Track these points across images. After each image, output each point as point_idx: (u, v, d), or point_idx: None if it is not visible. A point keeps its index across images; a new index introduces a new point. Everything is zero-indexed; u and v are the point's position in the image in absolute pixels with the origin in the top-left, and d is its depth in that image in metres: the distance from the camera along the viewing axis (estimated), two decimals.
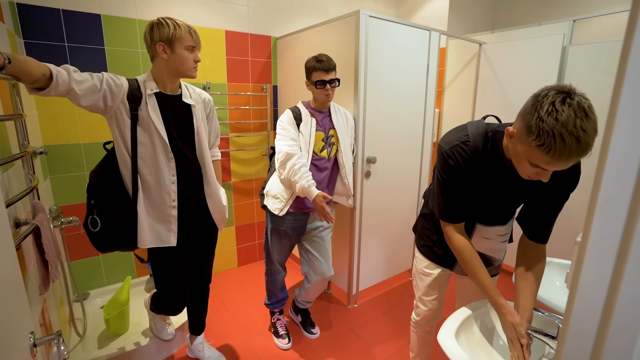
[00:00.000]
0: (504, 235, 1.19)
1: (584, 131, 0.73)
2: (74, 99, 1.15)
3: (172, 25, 1.26)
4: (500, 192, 1.06)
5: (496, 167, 1.00)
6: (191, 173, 1.44)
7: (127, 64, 2.04)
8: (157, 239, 1.39)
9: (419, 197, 2.48)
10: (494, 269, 1.26)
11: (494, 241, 1.18)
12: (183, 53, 1.28)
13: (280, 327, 1.95)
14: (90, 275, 2.16)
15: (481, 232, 1.15)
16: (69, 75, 1.11)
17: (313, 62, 1.64)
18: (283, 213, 1.68)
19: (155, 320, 1.79)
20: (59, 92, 1.10)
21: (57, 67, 1.09)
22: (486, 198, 1.07)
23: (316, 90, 1.67)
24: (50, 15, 1.79)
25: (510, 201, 1.10)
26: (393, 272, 2.51)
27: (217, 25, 2.32)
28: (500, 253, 1.23)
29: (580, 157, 0.77)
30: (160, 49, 1.27)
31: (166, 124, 1.34)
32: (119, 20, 1.98)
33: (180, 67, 1.30)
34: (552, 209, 1.03)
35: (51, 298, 1.50)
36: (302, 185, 1.58)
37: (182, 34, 1.26)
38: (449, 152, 1.03)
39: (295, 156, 1.62)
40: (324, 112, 1.77)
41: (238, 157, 2.59)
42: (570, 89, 0.76)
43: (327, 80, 1.64)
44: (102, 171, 1.36)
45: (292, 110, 1.72)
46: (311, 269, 1.81)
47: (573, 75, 2.19)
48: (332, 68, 1.64)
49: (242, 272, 2.71)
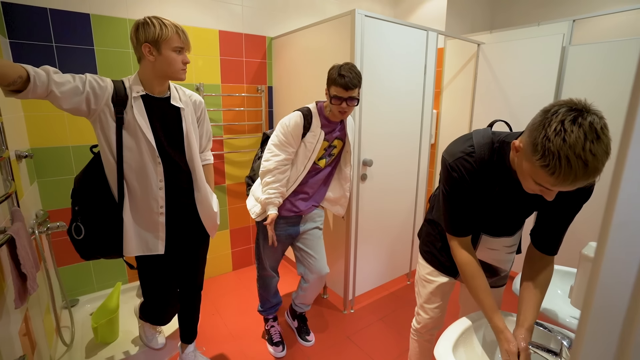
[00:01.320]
0: (511, 246, 1.14)
1: (594, 155, 0.67)
2: (54, 102, 1.10)
3: (159, 25, 1.19)
4: (508, 204, 1.01)
5: (503, 178, 0.95)
6: (180, 178, 1.39)
7: (117, 65, 1.99)
8: (144, 246, 1.35)
9: (416, 199, 2.44)
10: (500, 279, 1.22)
11: (500, 252, 1.13)
12: (170, 55, 1.22)
13: (274, 334, 1.90)
14: (80, 281, 2.11)
15: (487, 243, 1.11)
16: (48, 77, 1.06)
17: (335, 74, 1.47)
18: (260, 219, 1.63)
19: (145, 328, 1.75)
20: (37, 95, 1.05)
21: (36, 69, 1.04)
22: (493, 209, 1.03)
23: (331, 104, 1.54)
24: (37, 14, 1.74)
25: (518, 213, 1.05)
26: (390, 276, 2.47)
27: (211, 25, 2.27)
28: (507, 264, 1.19)
29: (588, 182, 0.71)
30: (146, 51, 1.21)
31: (153, 127, 1.28)
32: (109, 20, 1.93)
33: (167, 70, 1.24)
34: (562, 221, 0.98)
35: (35, 306, 1.45)
36: (264, 198, 1.57)
37: (169, 34, 1.20)
38: (453, 165, 0.99)
39: (276, 171, 1.57)
40: (336, 123, 1.66)
41: (232, 159, 2.54)
42: (584, 106, 0.70)
43: (345, 98, 1.49)
44: (88, 176, 1.31)
45: (304, 115, 1.57)
46: (307, 268, 1.76)
47: (573, 77, 2.15)
48: (352, 86, 1.46)
49: (237, 276, 2.66)
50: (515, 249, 1.16)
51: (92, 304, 2.07)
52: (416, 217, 2.48)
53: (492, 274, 1.18)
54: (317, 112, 1.61)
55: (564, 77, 2.18)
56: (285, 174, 1.60)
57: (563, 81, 2.19)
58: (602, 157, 0.68)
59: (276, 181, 1.57)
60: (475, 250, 1.10)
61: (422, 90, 2.25)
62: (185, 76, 1.31)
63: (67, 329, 1.83)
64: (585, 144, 0.67)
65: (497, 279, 1.19)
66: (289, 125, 1.56)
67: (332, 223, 2.20)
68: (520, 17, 3.04)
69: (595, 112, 0.70)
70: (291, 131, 1.55)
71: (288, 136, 1.56)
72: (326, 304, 2.31)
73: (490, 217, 1.05)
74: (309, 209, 1.72)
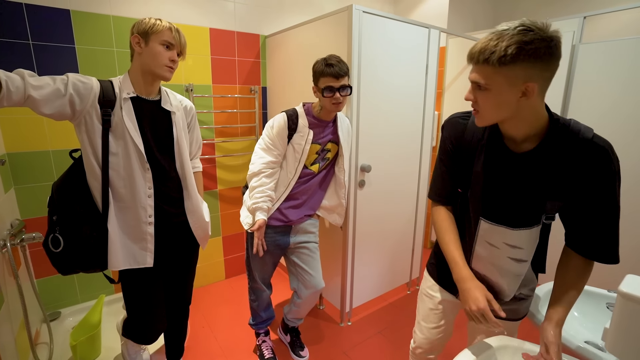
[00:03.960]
0: (515, 248, 0.91)
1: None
2: (34, 108, 1.01)
3: (154, 21, 1.16)
4: (500, 179, 0.90)
5: (493, 147, 0.90)
6: (170, 186, 1.31)
7: (100, 64, 1.88)
8: (131, 259, 1.25)
9: (417, 204, 2.33)
10: (505, 310, 0.91)
11: (501, 252, 0.93)
12: (156, 47, 1.16)
13: (265, 349, 1.79)
14: (62, 293, 2.00)
15: (486, 234, 0.94)
16: (24, 81, 0.96)
17: (322, 66, 1.44)
18: (252, 230, 1.53)
19: (128, 345, 1.63)
20: (13, 102, 0.95)
21: (8, 73, 0.94)
22: (483, 184, 0.92)
23: (323, 98, 1.46)
24: (12, 9, 1.63)
25: (516, 195, 0.88)
26: (390, 285, 2.35)
27: (201, 22, 2.15)
28: (511, 280, 0.96)
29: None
30: (135, 42, 1.16)
31: (142, 131, 1.20)
32: (90, 17, 1.81)
33: (151, 63, 1.17)
34: (589, 214, 0.85)
35: (6, 322, 1.34)
36: (250, 203, 1.47)
37: (160, 28, 1.15)
38: (445, 123, 1.02)
39: (262, 174, 1.49)
40: (326, 123, 1.57)
41: (224, 163, 2.43)
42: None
43: (337, 88, 1.43)
44: (67, 183, 1.21)
45: (289, 116, 1.51)
46: (301, 283, 1.65)
47: (583, 75, 2.04)
48: (343, 73, 1.43)
49: (229, 284, 2.55)
50: (523, 258, 0.93)
51: (75, 317, 1.96)
52: (417, 223, 2.37)
53: (493, 296, 0.99)
54: (303, 112, 1.55)
55: (574, 77, 2.07)
56: (273, 177, 1.52)
57: (573, 80, 2.07)
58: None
59: (262, 184, 1.48)
60: (473, 246, 0.98)
61: (423, 91, 2.14)
62: (171, 76, 1.22)
63: (45, 345, 1.72)
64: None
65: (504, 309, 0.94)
66: (273, 127, 1.51)
67: (328, 231, 2.09)
68: (524, 15, 2.91)
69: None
70: (275, 132, 1.50)
71: (273, 138, 1.50)
72: (322, 315, 2.20)
73: (482, 194, 0.93)
74: (300, 219, 1.61)
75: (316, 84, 1.49)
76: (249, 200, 1.50)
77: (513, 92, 0.74)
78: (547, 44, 0.69)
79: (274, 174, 1.52)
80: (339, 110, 1.54)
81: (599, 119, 1.98)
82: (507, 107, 0.78)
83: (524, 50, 0.69)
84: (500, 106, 0.78)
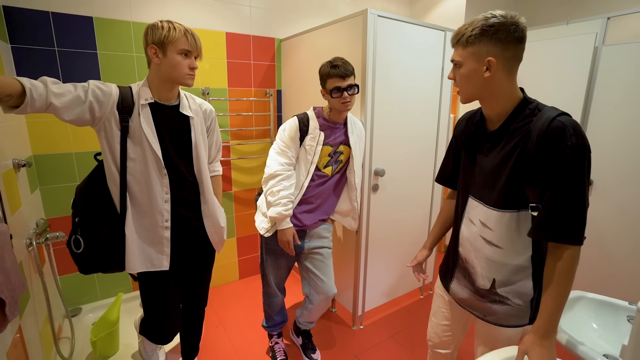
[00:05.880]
0: (486, 228, 0.95)
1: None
2: (56, 114, 1.05)
3: (167, 27, 1.14)
4: (475, 157, 1.00)
5: (476, 127, 1.00)
6: (187, 191, 1.33)
7: (121, 69, 1.94)
8: (148, 262, 1.28)
9: (431, 208, 2.30)
10: (489, 309, 1.00)
11: (476, 230, 0.98)
12: (175, 57, 1.16)
13: (278, 351, 1.80)
14: (83, 290, 2.07)
15: (469, 210, 1.02)
16: (46, 88, 1.00)
17: (327, 68, 1.48)
18: (269, 235, 1.54)
19: (144, 343, 1.68)
20: (36, 108, 0.99)
21: (33, 81, 0.98)
22: (462, 161, 1.05)
23: (332, 99, 1.49)
24: (39, 18, 1.70)
25: (486, 171, 0.94)
26: (403, 290, 2.34)
27: (217, 27, 2.19)
28: (485, 264, 0.97)
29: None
30: (152, 53, 1.16)
31: (160, 137, 1.22)
32: (112, 23, 1.87)
33: (172, 73, 1.18)
34: (549, 192, 0.82)
35: (31, 316, 1.40)
36: (278, 212, 1.47)
37: (176, 36, 1.14)
38: (461, 116, 1.13)
39: (279, 177, 1.49)
40: (337, 125, 1.59)
41: (239, 165, 2.47)
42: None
43: (344, 88, 1.46)
44: (90, 186, 1.25)
45: (300, 119, 1.55)
46: (313, 288, 1.66)
47: (606, 79, 1.97)
48: (349, 73, 1.47)
49: (243, 285, 2.59)
50: (492, 242, 0.95)
51: (95, 313, 2.03)
52: (430, 227, 2.34)
53: (471, 284, 1.03)
54: (314, 115, 1.58)
55: (596, 80, 2.00)
56: (291, 179, 1.53)
57: (595, 83, 2.00)
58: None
59: (284, 188, 1.49)
60: (460, 225, 1.06)
61: (438, 94, 2.11)
62: (193, 82, 1.24)
63: (67, 340, 1.79)
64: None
65: (484, 306, 1.01)
66: (285, 130, 1.55)
67: (341, 234, 2.09)
68: (546, 16, 2.85)
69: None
70: (288, 135, 1.53)
71: (286, 140, 1.53)
72: (334, 318, 2.20)
73: (464, 170, 1.05)
74: (314, 223, 1.62)
75: (324, 87, 1.52)
76: (271, 207, 1.49)
77: (479, 66, 0.87)
78: (508, 27, 0.83)
79: (290, 176, 1.53)
80: (348, 110, 1.55)
81: (624, 124, 1.91)
82: (477, 80, 0.88)
83: (486, 32, 0.84)
84: (470, 78, 0.89)
